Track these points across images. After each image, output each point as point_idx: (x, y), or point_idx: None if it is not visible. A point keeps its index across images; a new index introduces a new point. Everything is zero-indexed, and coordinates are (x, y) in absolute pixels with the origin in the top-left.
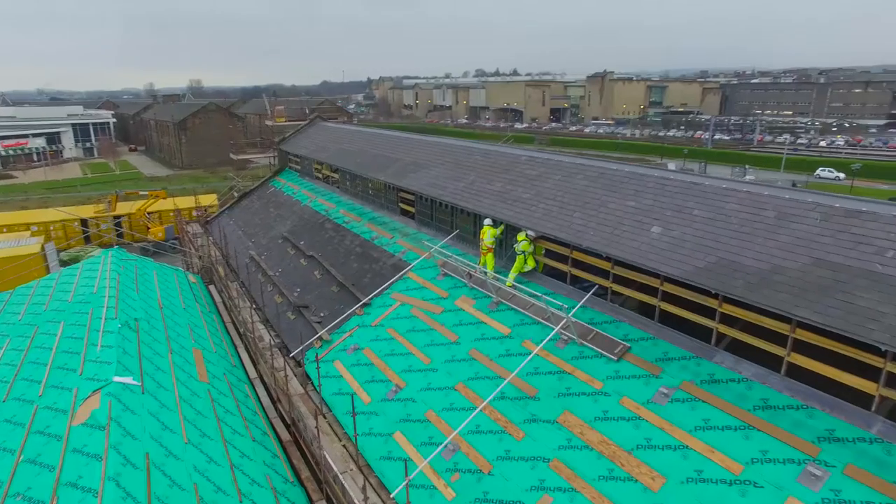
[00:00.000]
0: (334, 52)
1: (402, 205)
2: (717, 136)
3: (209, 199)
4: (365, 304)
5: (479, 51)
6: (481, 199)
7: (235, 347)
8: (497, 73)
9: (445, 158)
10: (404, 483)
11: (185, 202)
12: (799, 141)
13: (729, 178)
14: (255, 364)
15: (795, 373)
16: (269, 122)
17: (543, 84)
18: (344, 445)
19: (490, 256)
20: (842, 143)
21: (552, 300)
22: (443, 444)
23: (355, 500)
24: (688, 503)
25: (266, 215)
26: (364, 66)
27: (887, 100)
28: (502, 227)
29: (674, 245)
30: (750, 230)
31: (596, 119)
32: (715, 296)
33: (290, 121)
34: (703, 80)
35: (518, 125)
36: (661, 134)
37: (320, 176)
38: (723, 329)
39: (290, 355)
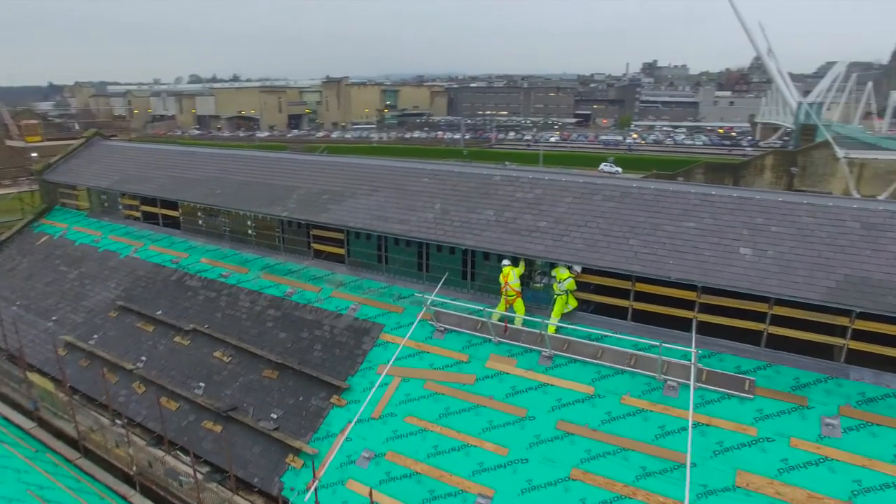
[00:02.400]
0: None
1: (317, 246)
2: (457, 136)
3: None
4: (340, 389)
5: (183, 55)
6: (479, 232)
7: (125, 499)
8: (215, 79)
9: (376, 183)
10: None
11: None
12: (526, 137)
13: (775, 190)
14: None
15: None
16: (11, 143)
17: (279, 90)
18: None
19: (520, 301)
20: (557, 138)
21: (672, 346)
22: None
23: None
24: None
25: (57, 277)
26: (35, 67)
27: (572, 102)
28: (523, 264)
29: (781, 266)
30: (849, 243)
31: (336, 123)
32: (846, 313)
33: (49, 140)
34: (429, 84)
35: (259, 134)
36: (406, 136)
37: (138, 215)
38: (855, 345)
39: (259, 488)
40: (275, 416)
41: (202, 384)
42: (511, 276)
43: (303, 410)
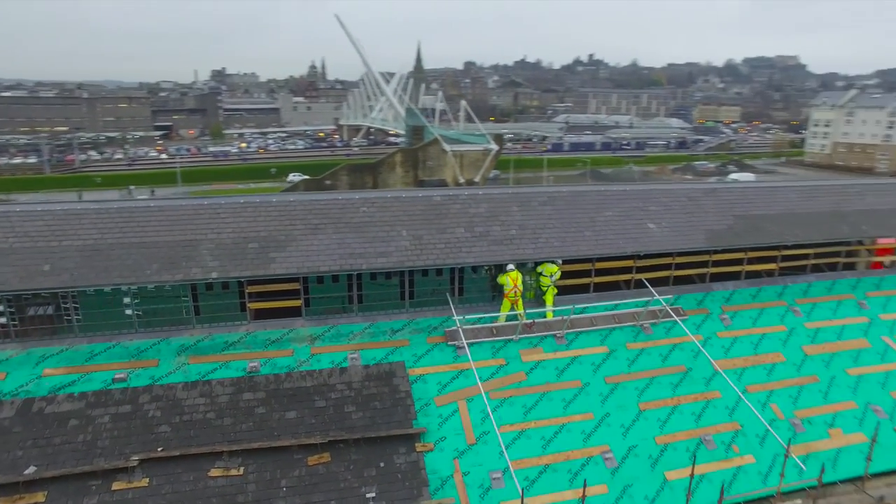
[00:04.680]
0: None
1: (258, 304)
2: (16, 161)
3: None
4: (417, 435)
5: None
6: (468, 249)
7: None
8: None
9: (311, 221)
10: None
11: None
12: (116, 156)
13: (627, 183)
14: None
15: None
16: None
17: None
18: None
19: (521, 301)
20: (156, 153)
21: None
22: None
23: None
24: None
25: None
26: None
27: (149, 113)
28: (514, 268)
29: (675, 231)
30: (693, 210)
31: None
32: (708, 252)
33: None
34: None
35: None
36: None
37: None
38: (714, 270)
39: None
40: (372, 496)
41: None
42: (519, 279)
43: (396, 474)
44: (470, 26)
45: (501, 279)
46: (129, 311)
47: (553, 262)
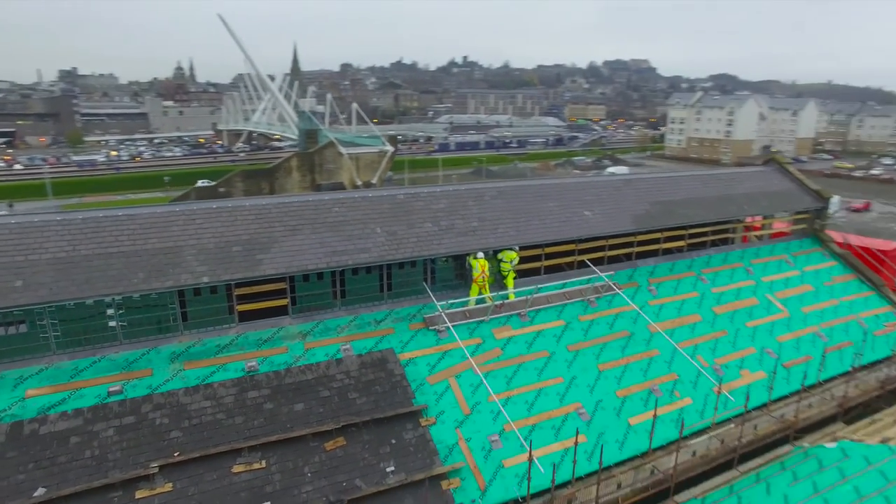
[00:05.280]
0: None
1: (245, 306)
2: None
3: None
4: (419, 412)
5: None
6: (438, 241)
7: None
8: None
9: (289, 222)
10: None
11: None
12: None
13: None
14: None
15: (669, 252)
16: None
17: None
18: None
19: (488, 286)
20: (4, 164)
21: (603, 278)
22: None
23: None
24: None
25: None
26: None
27: None
28: (483, 256)
29: (607, 217)
30: (617, 199)
31: None
32: (634, 234)
33: None
34: None
35: None
36: None
37: None
38: (638, 249)
39: None
40: (391, 469)
41: None
42: (486, 266)
43: (408, 447)
44: (341, 28)
45: (473, 262)
46: (112, 323)
47: (512, 249)
